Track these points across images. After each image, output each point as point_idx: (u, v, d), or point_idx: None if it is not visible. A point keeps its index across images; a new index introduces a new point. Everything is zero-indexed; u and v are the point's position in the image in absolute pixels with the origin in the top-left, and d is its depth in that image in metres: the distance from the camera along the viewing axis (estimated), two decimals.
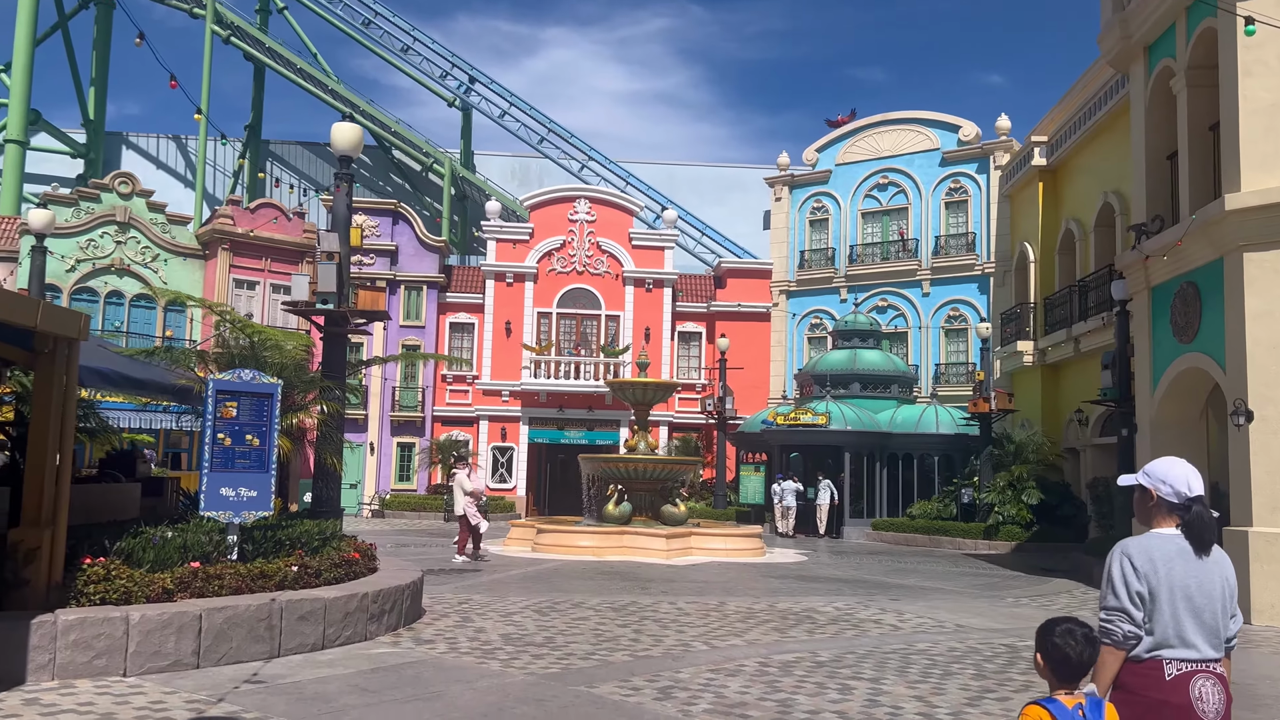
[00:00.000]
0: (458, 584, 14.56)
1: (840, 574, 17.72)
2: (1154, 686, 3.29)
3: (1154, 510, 3.47)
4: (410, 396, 34.28)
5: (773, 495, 28.44)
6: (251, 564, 9.32)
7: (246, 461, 9.68)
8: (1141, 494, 3.52)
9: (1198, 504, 3.39)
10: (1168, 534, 3.41)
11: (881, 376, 30.21)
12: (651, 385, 22.05)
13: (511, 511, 32.41)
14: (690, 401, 34.94)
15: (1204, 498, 3.44)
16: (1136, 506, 3.56)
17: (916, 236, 33.52)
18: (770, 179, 36.56)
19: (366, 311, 12.39)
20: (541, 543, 19.90)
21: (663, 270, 34.91)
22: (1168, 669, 3.30)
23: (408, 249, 34.87)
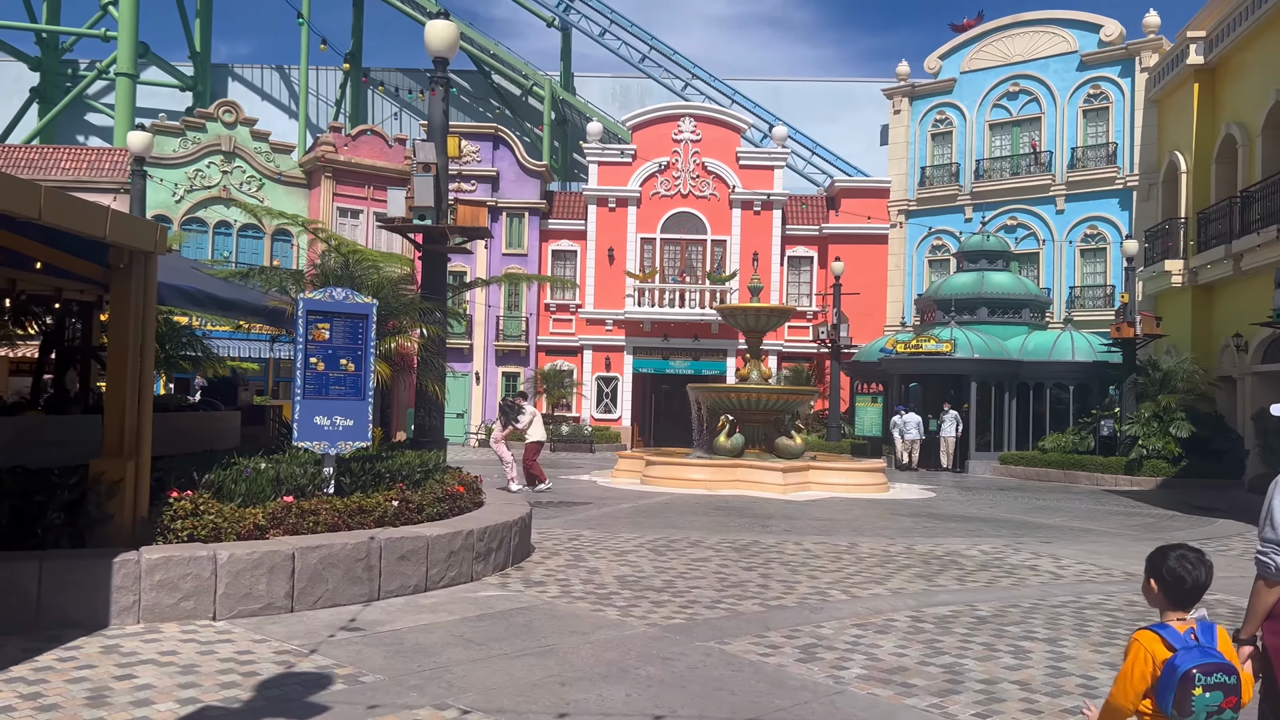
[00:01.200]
0: (566, 518, 13.80)
1: (976, 512, 16.36)
2: None
3: None
4: (514, 325, 33.75)
5: (891, 427, 26.98)
6: (349, 499, 8.62)
7: (341, 388, 8.93)
8: None
9: None
10: None
11: (1011, 301, 28.14)
12: (765, 310, 20.76)
13: (616, 442, 31.79)
14: (800, 330, 33.47)
15: None
16: None
17: (1050, 149, 30.91)
18: (888, 90, 34.21)
19: (467, 228, 11.47)
20: (650, 475, 19.06)
21: (772, 191, 33.20)
22: None
23: (509, 175, 34.00)
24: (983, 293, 28.02)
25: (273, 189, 32.50)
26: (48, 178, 31.75)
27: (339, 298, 8.95)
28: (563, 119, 43.49)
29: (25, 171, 32.19)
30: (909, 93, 33.67)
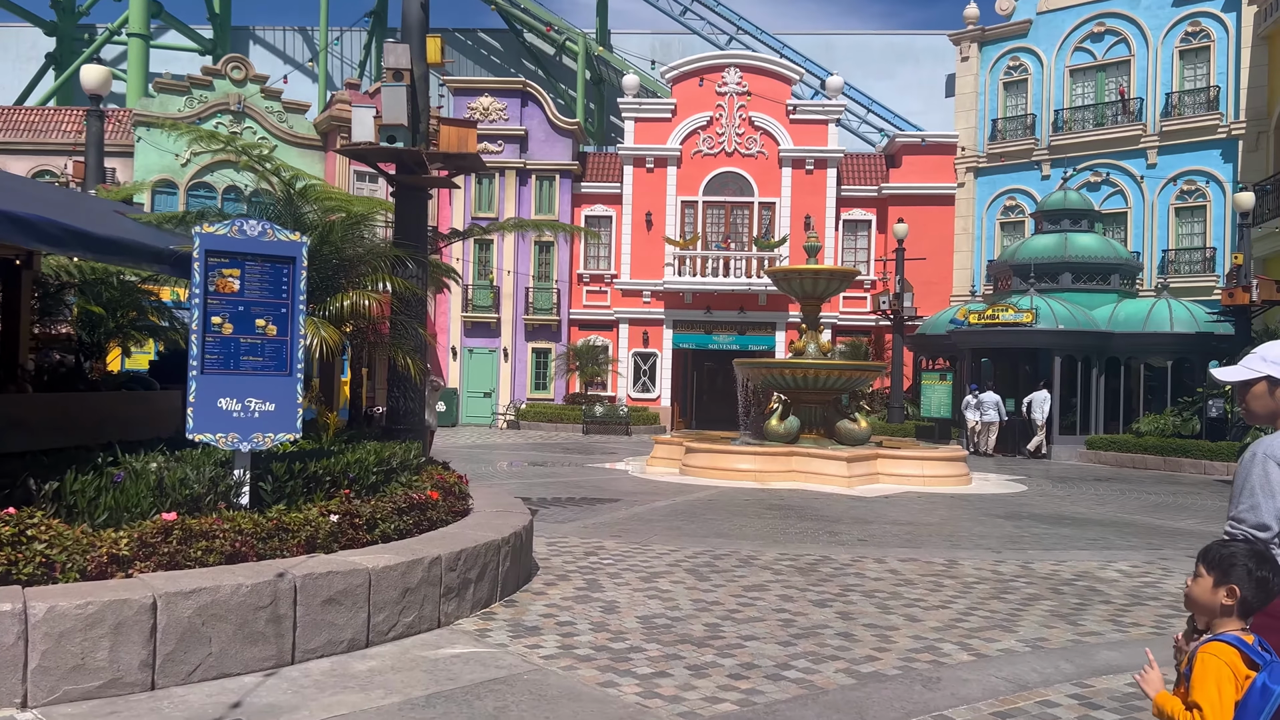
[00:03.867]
0: (587, 520, 11.27)
1: (1083, 511, 13.54)
2: None
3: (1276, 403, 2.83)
4: (545, 298, 31.25)
5: (964, 408, 24.09)
6: (266, 514, 6.15)
7: (258, 359, 6.44)
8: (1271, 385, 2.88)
9: None
10: None
11: (1098, 265, 25.00)
12: (824, 273, 17.97)
13: (655, 424, 29.23)
14: (857, 300, 30.55)
15: None
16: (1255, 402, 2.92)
17: (1141, 95, 27.56)
18: (955, 35, 30.97)
19: (452, 155, 8.90)
20: (691, 464, 16.45)
21: (826, 148, 30.21)
22: None
23: (538, 134, 31.39)
24: (1066, 256, 24.92)
25: (285, 151, 30.19)
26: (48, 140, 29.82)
27: (253, 233, 6.42)
28: (599, 78, 40.75)
29: (28, 134, 30.29)
30: (978, 38, 30.42)
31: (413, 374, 8.32)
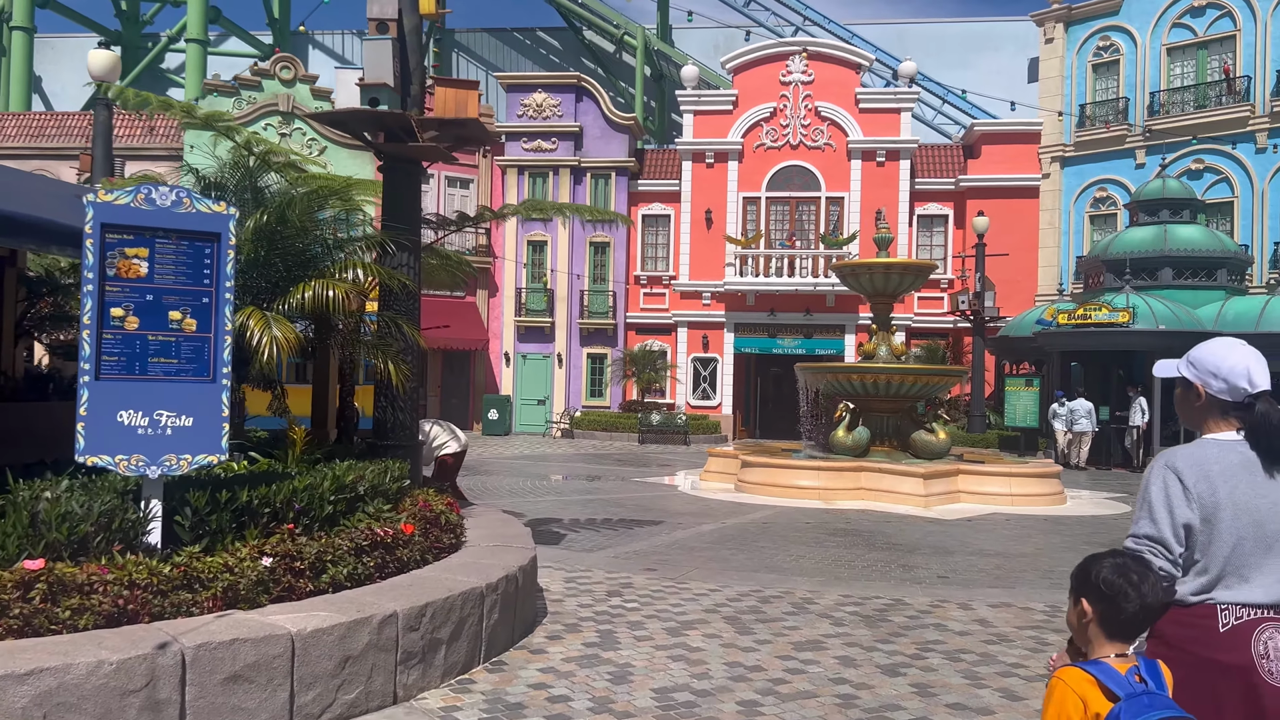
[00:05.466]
0: (619, 549, 9.81)
1: None
2: (1203, 640, 2.47)
3: (1203, 411, 2.65)
4: (600, 301, 29.91)
5: (1052, 417, 22.01)
6: (176, 557, 4.84)
7: (171, 361, 5.14)
8: (1185, 390, 2.69)
9: (1263, 401, 2.53)
10: (1228, 440, 2.58)
11: (1203, 259, 22.67)
12: (897, 267, 16.22)
13: (715, 433, 27.63)
14: (933, 301, 28.54)
15: (1269, 393, 2.54)
16: (1179, 406, 2.74)
17: (1249, 73, 25.09)
18: (1038, 15, 28.79)
19: (448, 121, 7.52)
20: (747, 480, 14.87)
21: (898, 138, 28.29)
22: (1222, 617, 2.47)
23: (593, 130, 30.10)
24: (1166, 250, 22.66)
25: (336, 153, 29.45)
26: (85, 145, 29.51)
27: (164, 202, 5.12)
28: (659, 74, 39.37)
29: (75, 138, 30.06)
30: (1064, 17, 28.21)
31: (393, 380, 6.95)
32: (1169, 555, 2.53)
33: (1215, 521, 2.52)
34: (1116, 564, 2.34)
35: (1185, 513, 2.53)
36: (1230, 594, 2.50)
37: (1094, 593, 2.34)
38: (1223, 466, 2.56)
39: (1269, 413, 2.55)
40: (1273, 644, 2.47)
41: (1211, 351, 2.68)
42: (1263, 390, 2.59)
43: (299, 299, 6.33)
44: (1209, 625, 2.49)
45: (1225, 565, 2.51)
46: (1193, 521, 2.53)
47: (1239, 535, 2.51)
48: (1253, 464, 2.56)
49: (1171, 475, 2.58)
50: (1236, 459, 2.57)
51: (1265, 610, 2.50)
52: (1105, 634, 2.33)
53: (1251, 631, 2.48)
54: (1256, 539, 2.51)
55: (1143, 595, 2.30)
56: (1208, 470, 2.55)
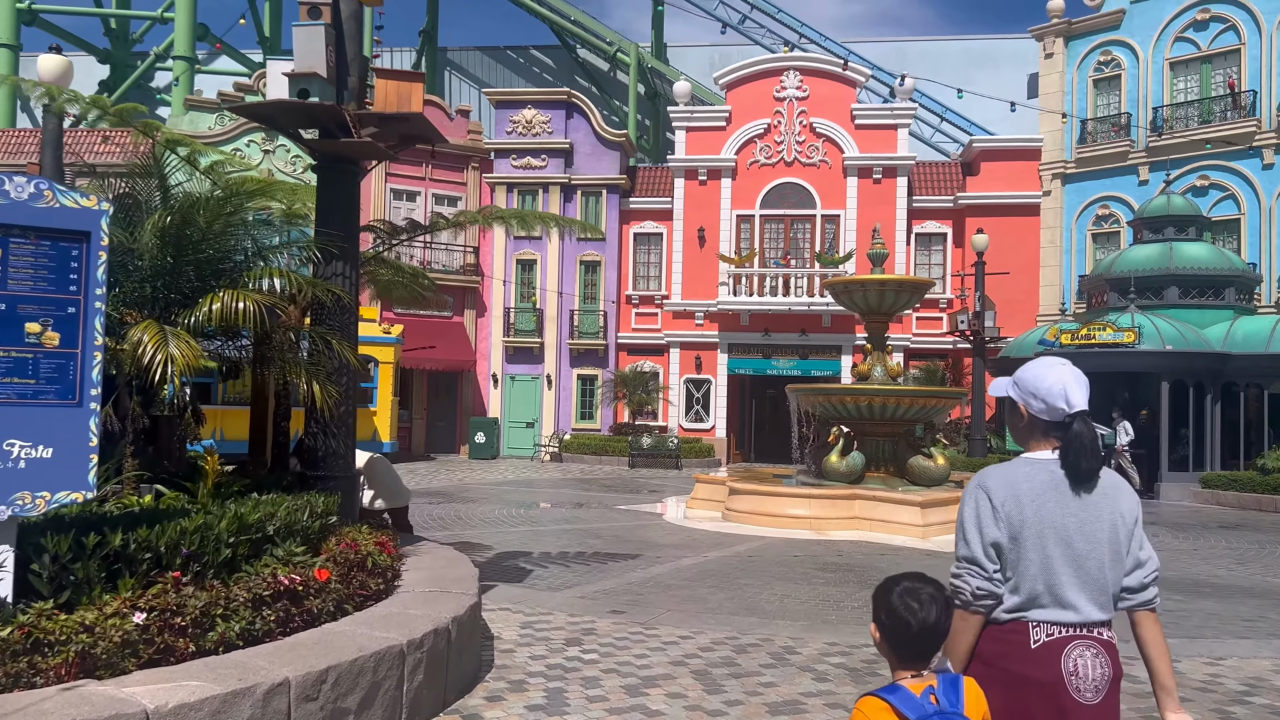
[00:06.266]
0: (587, 587, 9.00)
1: (1223, 574, 10.78)
2: (1015, 657, 2.54)
3: (1026, 431, 2.70)
4: (590, 321, 29.17)
5: None
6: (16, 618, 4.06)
7: (26, 381, 4.38)
8: (1012, 409, 2.76)
9: (1078, 421, 2.57)
10: (1041, 460, 2.64)
11: (1210, 278, 21.93)
12: (891, 284, 15.47)
13: (709, 456, 26.82)
14: (931, 321, 27.80)
15: (1087, 413, 2.59)
16: (1009, 426, 2.82)
17: (1254, 88, 24.45)
18: (1038, 30, 28.21)
19: (389, 116, 6.80)
20: (735, 509, 14.06)
21: (895, 155, 27.64)
22: (1034, 634, 2.54)
23: (584, 147, 29.48)
24: (1171, 268, 21.93)
25: None
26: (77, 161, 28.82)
27: (19, 195, 4.38)
28: (654, 93, 38.84)
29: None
30: (1064, 32, 27.64)
31: (317, 403, 6.18)
32: (984, 573, 2.56)
33: (1021, 540, 2.56)
34: (906, 587, 2.37)
35: (993, 532, 2.57)
36: (1042, 612, 2.54)
37: (881, 616, 2.38)
38: (1031, 485, 2.59)
39: (1082, 433, 2.56)
40: (1081, 662, 2.51)
41: (1032, 371, 2.71)
42: (1079, 410, 2.60)
43: (205, 312, 5.56)
44: (1021, 642, 2.54)
45: (1035, 583, 2.54)
46: (1001, 540, 2.57)
47: (1046, 553, 2.54)
48: (1062, 483, 2.58)
49: (982, 495, 2.62)
50: (1046, 478, 2.59)
51: (1075, 628, 2.54)
52: (897, 656, 2.37)
53: (1061, 649, 2.52)
54: (1065, 558, 2.54)
55: (922, 619, 2.32)
56: (1016, 490, 2.58)
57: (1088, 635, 2.54)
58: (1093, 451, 2.57)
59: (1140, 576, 2.62)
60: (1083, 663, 2.51)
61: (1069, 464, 2.57)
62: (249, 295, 5.59)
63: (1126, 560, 2.61)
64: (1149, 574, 2.63)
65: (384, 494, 8.63)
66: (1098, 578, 2.55)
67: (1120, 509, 2.61)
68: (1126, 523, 2.61)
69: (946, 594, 2.43)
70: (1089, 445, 2.56)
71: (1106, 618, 2.58)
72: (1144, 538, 2.66)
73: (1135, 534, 2.63)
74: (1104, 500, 2.60)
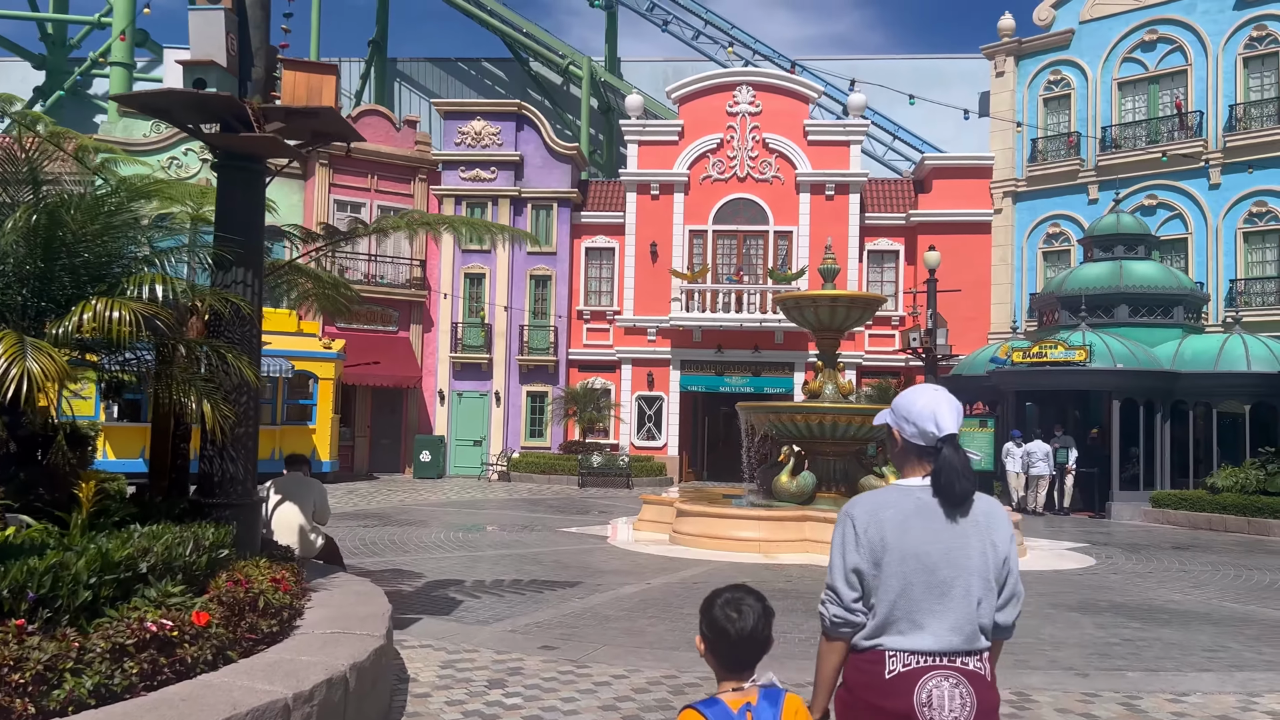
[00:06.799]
0: (524, 617, 8.44)
1: (1179, 598, 10.48)
2: (872, 685, 2.47)
3: (902, 456, 2.68)
4: (540, 336, 28.59)
5: (1005, 457, 21.07)
6: None
7: None
8: (890, 435, 2.74)
9: (948, 446, 2.53)
10: (910, 486, 2.60)
11: (1160, 297, 21.98)
12: (843, 300, 15.14)
13: (660, 475, 26.34)
14: (884, 339, 27.65)
15: (956, 437, 2.56)
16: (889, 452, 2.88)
17: (1200, 108, 24.69)
18: (989, 49, 28.33)
19: (297, 111, 6.25)
20: (682, 531, 13.57)
21: (847, 171, 27.52)
22: (889, 663, 2.47)
23: (534, 160, 28.98)
24: (1122, 287, 21.95)
25: None
26: None
27: None
28: (607, 107, 38.45)
29: None
30: (1015, 51, 27.78)
31: (208, 424, 5.58)
32: (840, 602, 2.53)
33: (883, 566, 2.51)
34: (728, 598, 2.41)
35: (855, 558, 2.53)
36: (900, 640, 2.49)
37: (704, 627, 2.41)
38: (896, 511, 2.55)
39: (951, 458, 2.53)
40: (937, 693, 2.44)
41: (906, 397, 2.68)
42: (948, 434, 2.57)
43: (75, 321, 4.95)
44: (877, 671, 2.49)
45: (894, 610, 2.49)
46: (862, 566, 2.53)
47: (907, 580, 2.49)
48: (929, 509, 2.54)
49: (848, 522, 2.59)
50: (912, 504, 2.55)
51: (934, 658, 2.47)
52: (719, 666, 2.41)
53: (917, 679, 2.46)
54: (927, 585, 2.48)
55: (740, 628, 2.34)
56: (880, 516, 2.55)
57: (948, 665, 2.46)
58: (964, 475, 2.53)
59: (1011, 614, 2.59)
60: (939, 694, 2.43)
61: (940, 488, 2.52)
62: (126, 304, 4.98)
63: (1002, 591, 2.56)
64: (1018, 611, 2.60)
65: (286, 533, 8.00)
66: (963, 606, 2.48)
67: (993, 537, 2.55)
68: (999, 551, 2.55)
69: (767, 604, 2.44)
70: (959, 469, 2.52)
71: (971, 647, 2.49)
72: (1018, 569, 2.60)
73: (1009, 564, 2.58)
74: (975, 528, 2.54)
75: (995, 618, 2.55)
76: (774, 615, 2.49)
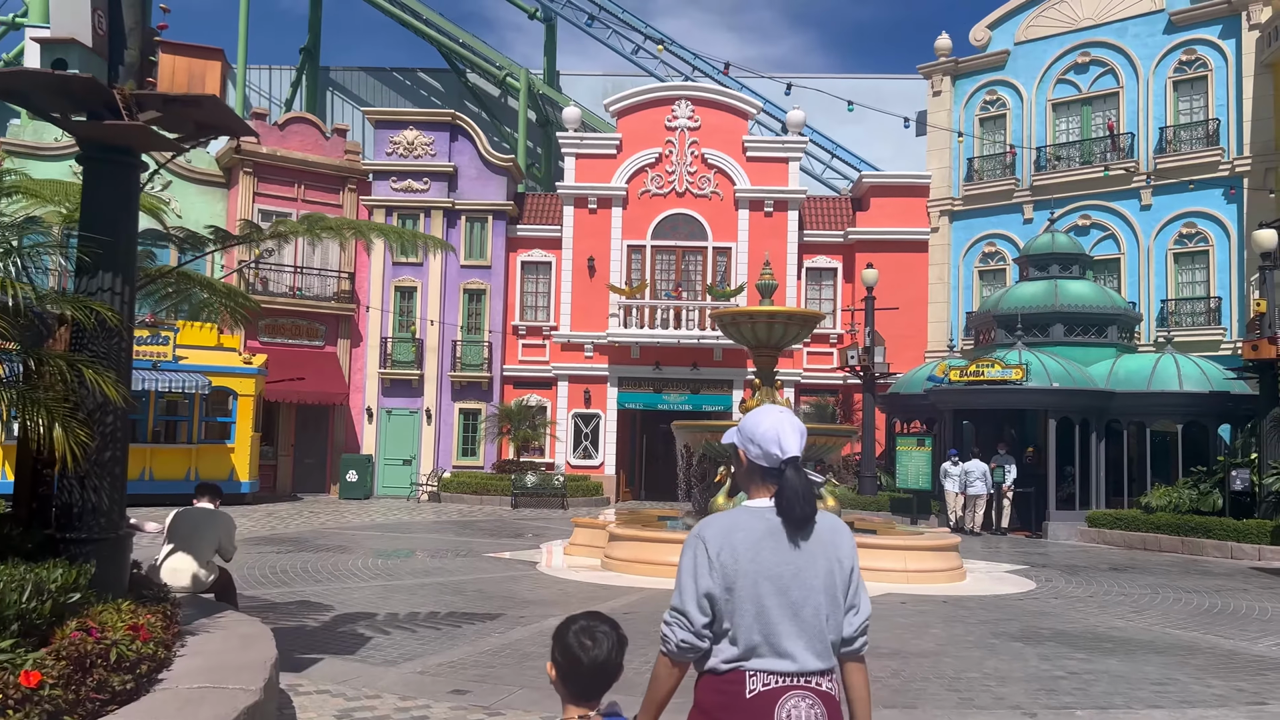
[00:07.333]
0: (437, 655, 7.78)
1: (1122, 624, 10.19)
2: (731, 707, 2.49)
3: (747, 477, 2.70)
4: (475, 353, 27.85)
5: (943, 477, 20.91)
6: None
7: None
8: (737, 456, 2.76)
9: (790, 468, 2.57)
10: (759, 507, 2.61)
11: (1095, 316, 22.10)
12: (780, 316, 14.73)
13: (597, 495, 25.74)
14: (822, 356, 27.46)
15: (799, 459, 2.59)
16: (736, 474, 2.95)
17: (1131, 130, 25.01)
18: (926, 68, 28.46)
19: (175, 98, 5.60)
20: (614, 556, 12.99)
21: (786, 188, 27.35)
22: (749, 684, 2.50)
23: (469, 171, 28.31)
24: (1057, 306, 22.02)
25: (181, 188, 26.91)
26: None
27: None
28: (545, 120, 37.92)
29: None
30: (951, 70, 27.93)
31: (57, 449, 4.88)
32: (690, 626, 2.52)
33: (736, 590, 2.52)
34: (582, 626, 2.43)
35: (707, 582, 2.52)
36: (758, 661, 2.51)
37: (556, 654, 2.43)
38: (748, 533, 2.56)
39: (793, 480, 2.56)
40: (795, 713, 2.48)
41: (751, 419, 2.71)
42: (791, 456, 2.60)
43: None
44: (737, 692, 2.50)
45: (752, 633, 2.51)
46: (714, 590, 2.52)
47: (762, 603, 2.51)
48: (779, 530, 2.56)
49: (700, 545, 2.58)
50: (763, 526, 2.57)
51: (792, 678, 2.51)
52: (568, 692, 2.42)
53: (776, 699, 2.49)
54: (781, 606, 2.51)
55: (594, 657, 2.37)
56: (733, 538, 2.55)
57: (804, 685, 2.51)
58: (805, 497, 2.55)
59: (856, 625, 2.61)
60: (797, 714, 2.48)
61: (783, 510, 2.55)
62: None
63: (845, 608, 2.59)
64: (863, 623, 2.62)
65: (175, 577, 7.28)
66: (815, 626, 2.53)
67: (838, 555, 2.59)
68: (844, 568, 2.59)
69: (621, 633, 2.44)
70: (800, 492, 2.55)
71: (825, 667, 2.54)
72: (861, 584, 2.65)
73: (853, 580, 2.62)
74: (820, 547, 2.57)
75: (842, 633, 2.58)
76: (627, 644, 2.46)
